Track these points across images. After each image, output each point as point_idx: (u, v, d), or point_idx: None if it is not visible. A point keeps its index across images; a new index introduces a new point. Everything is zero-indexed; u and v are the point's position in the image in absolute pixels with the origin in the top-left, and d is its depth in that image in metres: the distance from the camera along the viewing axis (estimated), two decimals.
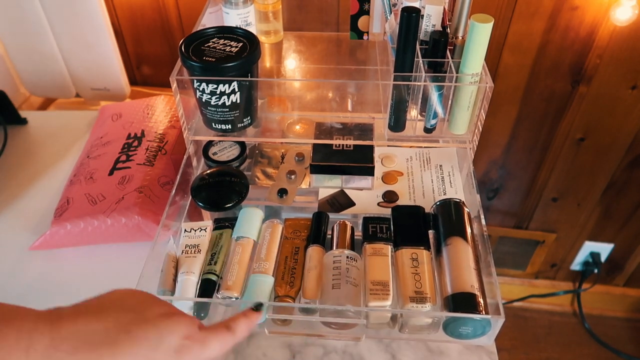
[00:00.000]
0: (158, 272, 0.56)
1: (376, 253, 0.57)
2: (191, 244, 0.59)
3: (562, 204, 1.30)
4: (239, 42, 0.60)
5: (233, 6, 0.68)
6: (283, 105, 0.69)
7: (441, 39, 0.58)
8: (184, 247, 0.59)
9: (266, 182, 0.70)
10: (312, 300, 0.54)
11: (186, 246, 0.59)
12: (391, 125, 0.63)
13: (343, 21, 0.92)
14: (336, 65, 0.76)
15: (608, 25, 0.94)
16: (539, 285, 1.54)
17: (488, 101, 0.58)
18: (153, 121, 0.80)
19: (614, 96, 1.05)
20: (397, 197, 0.67)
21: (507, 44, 0.99)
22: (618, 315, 1.56)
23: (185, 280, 0.55)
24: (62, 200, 0.71)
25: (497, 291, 0.52)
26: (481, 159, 1.22)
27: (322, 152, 0.67)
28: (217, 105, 0.59)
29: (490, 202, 1.33)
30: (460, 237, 0.56)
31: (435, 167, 0.71)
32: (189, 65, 0.58)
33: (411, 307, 0.51)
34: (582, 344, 1.51)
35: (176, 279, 0.56)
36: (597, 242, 1.40)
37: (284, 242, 0.61)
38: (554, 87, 1.05)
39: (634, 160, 1.17)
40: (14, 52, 0.94)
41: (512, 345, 1.50)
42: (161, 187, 0.70)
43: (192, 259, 0.57)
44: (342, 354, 0.59)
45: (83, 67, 0.94)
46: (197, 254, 0.58)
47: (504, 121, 1.13)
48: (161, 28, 1.01)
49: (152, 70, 1.08)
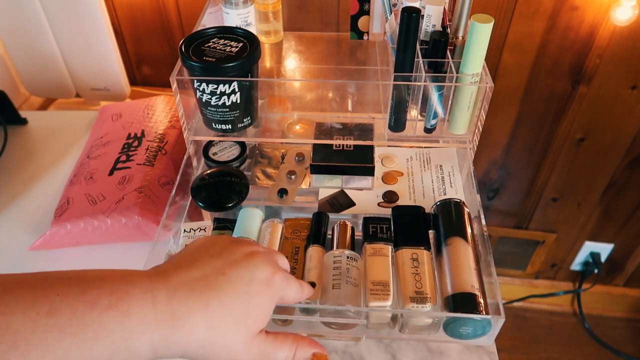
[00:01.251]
0: None
1: (376, 253, 0.57)
2: None
3: (562, 204, 1.30)
4: (239, 42, 0.60)
5: (233, 6, 0.68)
6: (283, 105, 0.69)
7: (441, 39, 0.58)
8: (183, 247, 0.59)
9: (266, 182, 0.70)
10: (312, 301, 0.54)
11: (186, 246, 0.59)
12: (391, 126, 0.63)
13: (343, 21, 0.92)
14: (336, 66, 0.76)
15: (608, 25, 0.94)
16: (539, 285, 1.54)
17: (488, 101, 0.58)
18: (153, 121, 0.80)
19: (614, 96, 1.05)
20: (397, 197, 0.67)
21: (507, 44, 0.99)
22: (618, 315, 1.56)
23: None
24: (62, 200, 0.71)
25: (497, 291, 0.52)
26: (481, 159, 1.22)
27: (322, 152, 0.67)
28: (217, 105, 0.59)
29: (490, 202, 1.33)
30: (460, 237, 0.56)
31: (435, 167, 0.71)
32: (189, 65, 0.58)
33: (411, 307, 0.51)
34: (582, 344, 1.51)
35: None
36: (597, 242, 1.40)
37: (284, 242, 0.61)
38: (554, 87, 1.05)
39: (634, 160, 1.17)
40: (14, 52, 0.94)
41: (512, 345, 1.50)
42: (161, 187, 0.70)
43: None
44: (342, 354, 0.59)
45: (83, 67, 0.94)
46: None
47: (504, 121, 1.13)
48: (161, 28, 1.01)
49: (152, 70, 1.08)
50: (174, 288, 0.37)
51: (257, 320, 0.39)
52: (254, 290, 0.39)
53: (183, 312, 0.36)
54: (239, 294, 0.38)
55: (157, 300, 0.35)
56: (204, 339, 0.37)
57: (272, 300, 0.41)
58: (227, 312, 0.38)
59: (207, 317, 0.37)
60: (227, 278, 0.39)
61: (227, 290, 0.38)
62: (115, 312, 0.33)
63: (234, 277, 0.39)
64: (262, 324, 0.40)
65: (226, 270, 0.39)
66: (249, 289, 0.39)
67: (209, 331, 0.37)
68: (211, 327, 0.37)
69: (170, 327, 0.35)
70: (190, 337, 0.36)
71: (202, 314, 0.37)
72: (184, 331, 0.36)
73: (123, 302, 0.34)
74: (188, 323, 0.36)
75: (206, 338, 0.37)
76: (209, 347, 0.37)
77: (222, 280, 0.38)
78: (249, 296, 0.39)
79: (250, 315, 0.39)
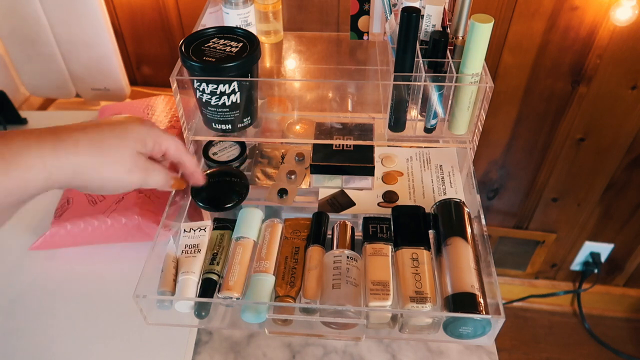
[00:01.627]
0: (158, 272, 0.56)
1: (376, 253, 0.57)
2: (191, 244, 0.59)
3: (562, 204, 1.30)
4: (239, 42, 0.60)
5: (233, 6, 0.68)
6: (283, 105, 0.69)
7: (441, 39, 0.58)
8: (183, 247, 0.59)
9: (266, 182, 0.70)
10: (312, 300, 0.54)
11: (186, 246, 0.59)
12: (391, 126, 0.63)
13: (343, 21, 0.92)
14: (336, 66, 0.76)
15: (608, 25, 0.94)
16: (539, 285, 1.54)
17: (488, 101, 0.58)
18: (153, 121, 0.80)
19: (614, 96, 1.05)
20: (397, 197, 0.67)
21: (507, 44, 0.99)
22: (618, 315, 1.56)
23: (186, 280, 0.55)
24: (62, 201, 0.71)
25: (497, 291, 0.52)
26: (481, 159, 1.22)
27: (322, 152, 0.67)
28: (217, 105, 0.59)
29: (490, 202, 1.33)
30: (460, 237, 0.56)
31: (435, 167, 0.71)
32: (189, 65, 0.58)
33: (411, 307, 0.51)
34: (582, 344, 1.51)
35: (176, 279, 0.56)
36: (597, 242, 1.40)
37: (284, 242, 0.61)
38: (554, 87, 1.05)
39: (634, 160, 1.17)
40: (14, 52, 0.94)
41: (512, 345, 1.50)
42: None
43: (191, 259, 0.57)
44: (342, 354, 0.59)
45: (83, 67, 0.94)
46: (196, 254, 0.58)
47: (504, 121, 1.13)
48: (161, 28, 1.01)
49: (152, 70, 1.08)
50: (53, 127, 0.43)
51: (135, 142, 0.47)
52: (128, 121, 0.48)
53: (63, 132, 0.43)
54: (115, 123, 0.47)
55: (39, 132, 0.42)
56: (91, 151, 0.43)
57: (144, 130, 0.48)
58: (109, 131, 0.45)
59: (89, 134, 0.44)
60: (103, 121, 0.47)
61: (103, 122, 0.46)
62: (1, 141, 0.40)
63: (109, 119, 0.47)
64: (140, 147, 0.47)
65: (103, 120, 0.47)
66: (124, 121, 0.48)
67: (93, 144, 0.44)
68: (95, 140, 0.44)
69: (54, 140, 0.42)
70: (77, 150, 0.43)
71: (83, 133, 0.44)
72: (70, 143, 0.42)
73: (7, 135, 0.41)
74: (71, 138, 0.43)
75: (92, 150, 0.43)
76: (98, 160, 0.44)
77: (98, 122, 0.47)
78: (125, 123, 0.47)
79: (128, 134, 0.46)
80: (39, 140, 0.41)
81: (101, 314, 0.64)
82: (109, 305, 0.64)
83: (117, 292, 0.63)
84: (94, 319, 0.63)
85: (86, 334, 0.61)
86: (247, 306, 0.54)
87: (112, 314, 0.63)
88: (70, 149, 0.42)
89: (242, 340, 0.60)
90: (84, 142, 0.43)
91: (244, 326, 0.56)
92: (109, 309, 0.64)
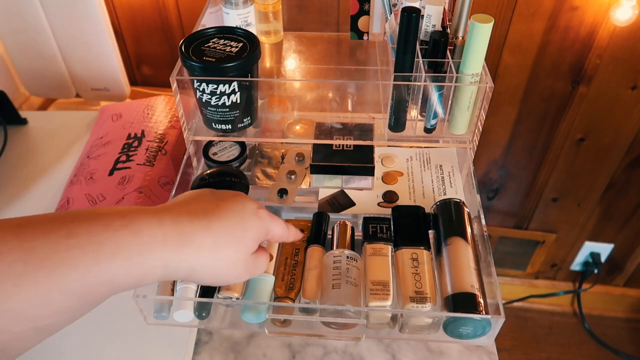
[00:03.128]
0: None
1: (376, 253, 0.57)
2: None
3: (562, 204, 1.30)
4: (239, 42, 0.60)
5: (233, 6, 0.68)
6: (283, 105, 0.69)
7: (441, 39, 0.58)
8: None
9: (266, 182, 0.70)
10: (312, 301, 0.54)
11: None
12: (391, 126, 0.63)
13: (343, 21, 0.92)
14: (336, 66, 0.76)
15: (608, 25, 0.94)
16: (539, 285, 1.55)
17: (488, 101, 0.58)
18: (153, 121, 0.80)
19: (614, 96, 1.05)
20: (397, 197, 0.67)
21: (507, 44, 0.99)
22: (618, 315, 1.56)
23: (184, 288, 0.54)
24: (62, 201, 0.71)
25: (497, 291, 0.52)
26: (481, 159, 1.22)
27: (322, 152, 0.67)
28: (217, 105, 0.59)
29: (490, 202, 1.33)
30: (460, 237, 0.56)
31: (435, 167, 0.71)
32: (189, 65, 0.58)
33: (411, 307, 0.52)
34: (582, 344, 1.51)
35: (174, 288, 0.55)
36: (597, 242, 1.40)
37: (284, 242, 0.61)
38: (554, 87, 1.05)
39: (634, 160, 1.17)
40: (14, 52, 0.94)
41: (512, 345, 1.50)
42: (161, 188, 0.70)
43: None
44: (342, 354, 0.59)
45: (83, 67, 0.94)
46: None
47: (504, 121, 1.13)
48: (161, 28, 1.01)
49: (152, 70, 1.08)
50: (177, 215, 0.42)
51: (252, 242, 0.46)
52: (246, 218, 0.46)
53: (189, 232, 0.41)
54: (235, 220, 0.45)
55: (164, 224, 0.40)
56: (210, 256, 0.42)
57: (261, 227, 0.47)
58: (228, 233, 0.44)
59: (212, 237, 0.42)
60: (221, 209, 0.45)
61: (224, 217, 0.44)
62: (127, 231, 0.38)
63: (227, 208, 0.45)
64: (254, 246, 0.46)
65: (220, 203, 0.45)
66: (242, 215, 0.45)
67: (215, 249, 0.42)
68: (216, 245, 0.43)
69: (179, 244, 0.40)
70: (199, 254, 0.41)
71: (207, 234, 0.42)
72: (193, 248, 0.41)
73: (133, 223, 0.39)
74: (195, 242, 0.41)
75: (212, 255, 0.42)
76: (215, 263, 0.43)
77: (218, 210, 0.44)
78: (244, 222, 0.45)
79: (247, 237, 0.45)
80: (164, 242, 0.40)
81: (101, 314, 0.63)
82: (109, 305, 0.64)
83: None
84: (94, 319, 0.63)
85: (86, 334, 0.61)
86: (247, 306, 0.54)
87: (112, 314, 0.63)
88: (191, 254, 0.41)
89: (242, 340, 0.60)
90: (206, 247, 0.42)
91: (244, 326, 0.56)
92: (109, 309, 0.64)
